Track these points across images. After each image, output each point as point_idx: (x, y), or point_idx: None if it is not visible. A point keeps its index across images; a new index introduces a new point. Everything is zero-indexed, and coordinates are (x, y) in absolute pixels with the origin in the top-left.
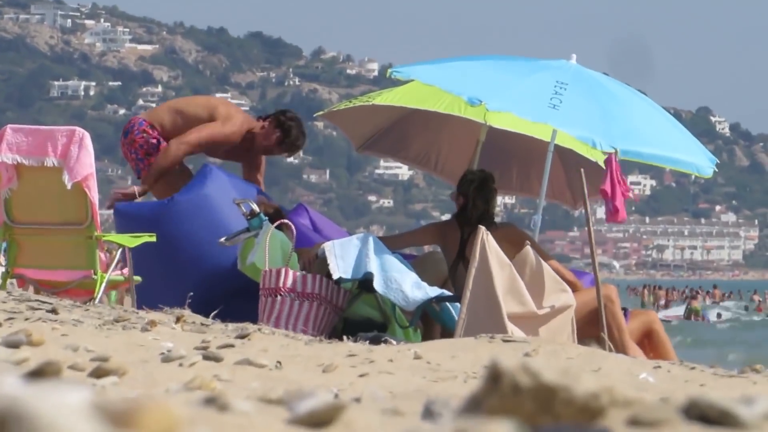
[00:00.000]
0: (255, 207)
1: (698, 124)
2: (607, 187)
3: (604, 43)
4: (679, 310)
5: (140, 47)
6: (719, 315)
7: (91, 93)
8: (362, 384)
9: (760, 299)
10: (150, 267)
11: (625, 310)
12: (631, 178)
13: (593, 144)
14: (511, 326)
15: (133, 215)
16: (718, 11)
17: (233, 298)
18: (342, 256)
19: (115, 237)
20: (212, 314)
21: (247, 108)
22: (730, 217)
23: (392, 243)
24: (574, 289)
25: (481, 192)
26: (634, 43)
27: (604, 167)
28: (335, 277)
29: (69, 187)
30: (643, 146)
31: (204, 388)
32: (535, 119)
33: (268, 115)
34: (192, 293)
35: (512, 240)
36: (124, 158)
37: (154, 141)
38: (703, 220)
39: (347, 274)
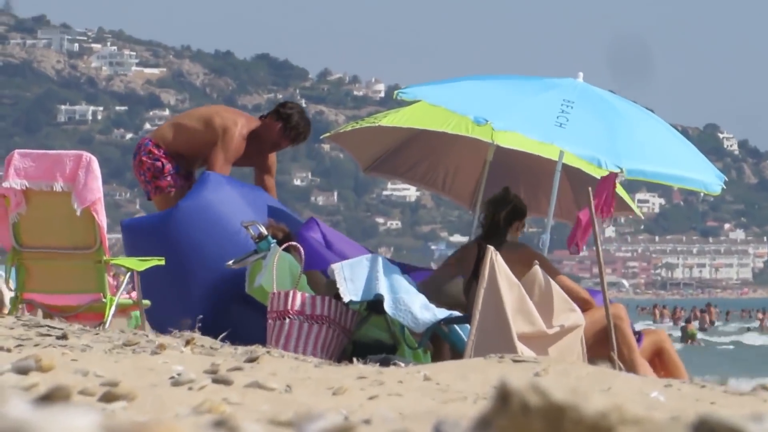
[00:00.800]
0: (263, 230)
1: (706, 141)
2: (583, 216)
3: (608, 60)
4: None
5: (147, 71)
6: None
7: (99, 117)
8: (372, 406)
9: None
10: (159, 275)
11: (639, 333)
12: (639, 197)
13: (599, 164)
14: (520, 346)
15: (140, 227)
16: (725, 26)
17: (242, 303)
18: (351, 279)
19: (123, 261)
20: (221, 336)
21: None
22: (739, 234)
23: (429, 287)
24: (588, 306)
25: (496, 208)
26: (635, 51)
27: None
28: (346, 300)
29: (78, 212)
30: (650, 165)
31: (214, 412)
32: (542, 139)
33: (268, 113)
34: (201, 304)
35: (526, 261)
36: (135, 180)
37: (159, 164)
38: (711, 239)
39: (357, 297)
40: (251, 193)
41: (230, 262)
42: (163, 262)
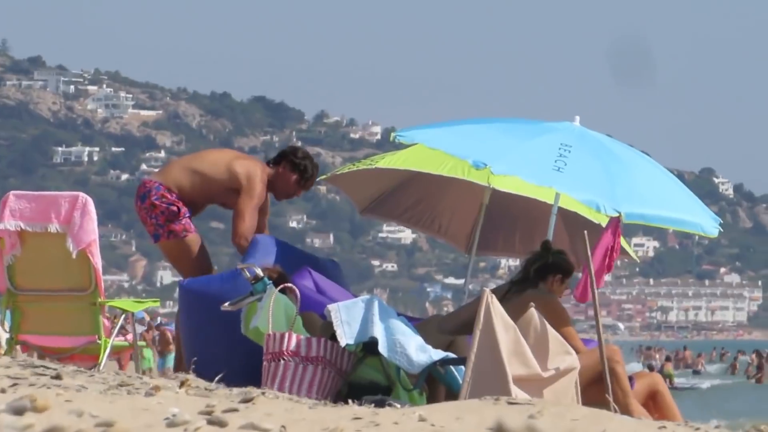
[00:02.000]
0: (259, 271)
1: (701, 185)
2: (596, 258)
3: (608, 107)
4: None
5: (143, 113)
6: None
7: (95, 158)
8: None
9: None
10: (217, 336)
11: (630, 378)
12: (634, 240)
13: (597, 208)
14: (515, 389)
15: (201, 291)
16: (720, 70)
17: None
18: (348, 321)
19: (118, 302)
20: (216, 378)
21: None
22: (734, 278)
23: (450, 322)
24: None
25: (530, 260)
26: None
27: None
28: (342, 344)
29: (74, 254)
30: (648, 208)
31: None
32: (541, 183)
33: (277, 158)
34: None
35: (543, 310)
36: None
37: (175, 209)
38: (707, 282)
39: (352, 340)
40: (289, 251)
41: (226, 304)
42: (158, 304)
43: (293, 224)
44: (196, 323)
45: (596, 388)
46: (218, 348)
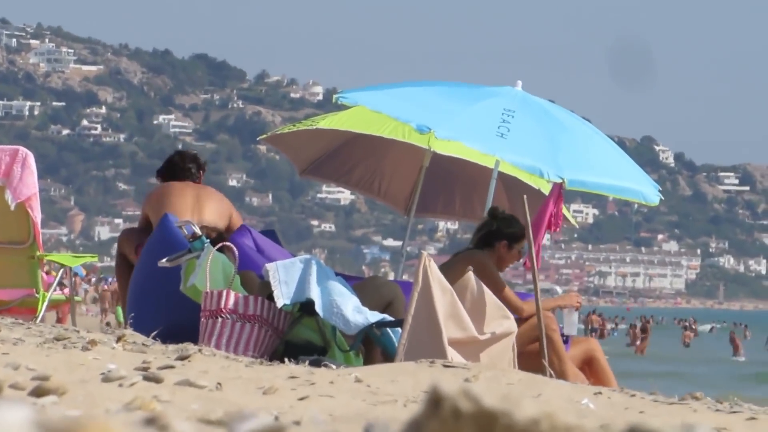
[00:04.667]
0: (197, 229)
1: (642, 153)
2: (539, 224)
3: (550, 73)
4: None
5: (85, 68)
6: None
7: (36, 113)
8: (302, 407)
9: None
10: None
11: (566, 337)
12: (573, 207)
13: (541, 174)
14: (451, 351)
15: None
16: (664, 41)
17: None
18: (286, 281)
19: (57, 256)
20: (152, 334)
21: (190, 130)
22: (672, 246)
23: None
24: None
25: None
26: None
27: (546, 195)
28: (279, 305)
29: (12, 207)
30: (590, 175)
31: (144, 409)
32: (484, 149)
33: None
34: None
35: (472, 267)
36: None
37: None
38: (644, 249)
39: (289, 300)
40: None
41: (164, 261)
42: (95, 259)
43: (232, 183)
44: (137, 277)
45: (532, 354)
46: (156, 304)
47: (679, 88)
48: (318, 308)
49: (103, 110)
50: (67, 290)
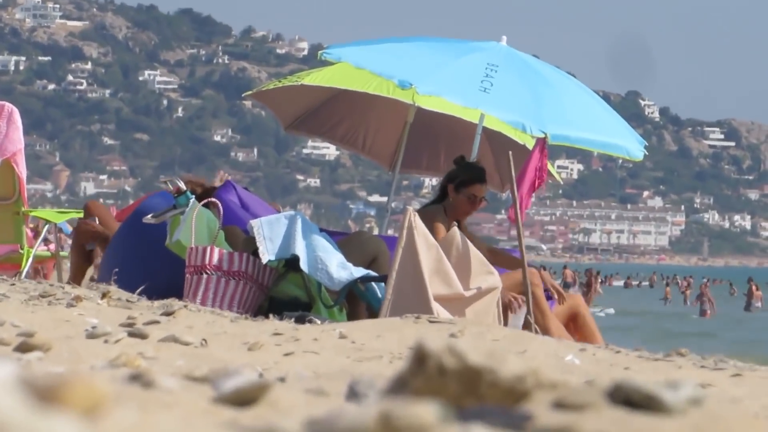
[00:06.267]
0: (181, 184)
1: (627, 107)
2: (524, 179)
3: (535, 28)
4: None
5: (70, 23)
6: None
7: (21, 68)
8: (287, 363)
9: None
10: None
11: (549, 298)
12: (558, 162)
13: (523, 129)
14: (436, 307)
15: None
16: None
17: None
18: (270, 237)
19: (41, 212)
20: (138, 290)
21: (176, 86)
22: (657, 202)
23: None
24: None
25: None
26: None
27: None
28: (264, 261)
29: None
30: (574, 130)
31: (129, 365)
32: (466, 104)
33: None
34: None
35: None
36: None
37: None
38: (629, 205)
39: (274, 256)
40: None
41: (149, 217)
42: (81, 214)
43: (218, 138)
44: (120, 235)
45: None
46: (141, 260)
47: (667, 42)
48: (303, 264)
49: (89, 66)
50: (52, 246)
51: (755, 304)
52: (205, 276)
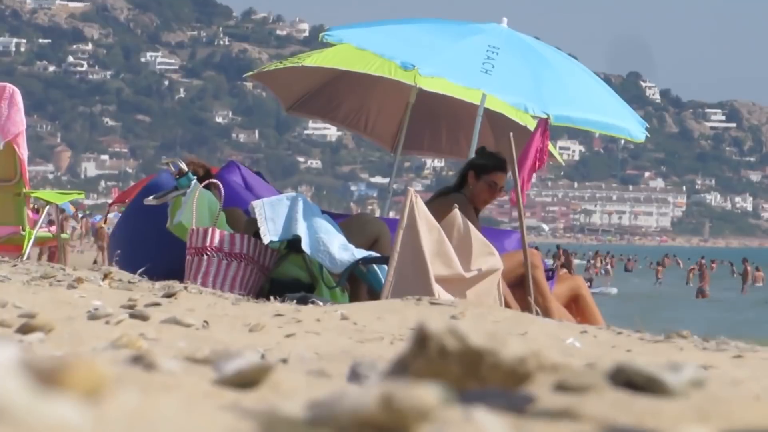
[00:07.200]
0: (183, 166)
1: (628, 89)
2: (525, 160)
3: (536, 9)
4: None
5: (71, 5)
6: None
7: (22, 49)
8: (289, 344)
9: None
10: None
11: (551, 272)
12: (560, 143)
13: (525, 109)
14: (438, 289)
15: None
16: None
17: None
18: (272, 218)
19: (43, 194)
20: (139, 271)
21: (177, 67)
22: (659, 183)
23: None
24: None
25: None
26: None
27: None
28: (266, 241)
29: (1, 146)
30: (575, 111)
31: (130, 347)
32: (468, 84)
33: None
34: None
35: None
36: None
37: None
38: (631, 186)
39: (276, 237)
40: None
41: (150, 198)
42: (82, 196)
43: (219, 119)
44: (125, 216)
45: (517, 291)
46: (143, 241)
47: (668, 24)
48: (305, 245)
49: (90, 47)
50: (54, 228)
51: (756, 285)
52: (206, 258)
